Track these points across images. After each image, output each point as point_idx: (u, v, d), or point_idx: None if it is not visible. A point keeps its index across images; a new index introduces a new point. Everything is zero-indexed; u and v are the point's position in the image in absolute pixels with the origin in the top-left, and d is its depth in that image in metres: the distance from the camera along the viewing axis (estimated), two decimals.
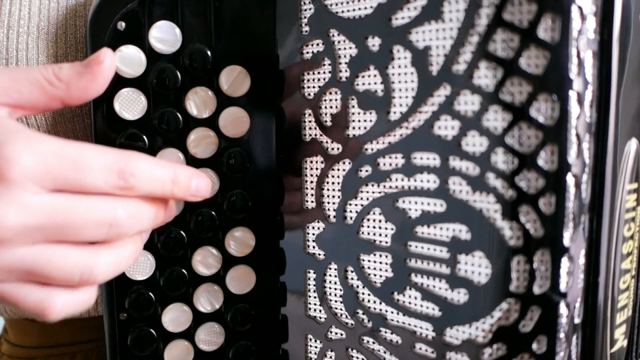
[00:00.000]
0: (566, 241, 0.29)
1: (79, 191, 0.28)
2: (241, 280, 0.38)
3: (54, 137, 0.28)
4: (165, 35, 0.35)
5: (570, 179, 0.29)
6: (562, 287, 0.29)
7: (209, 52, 0.36)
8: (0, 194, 0.26)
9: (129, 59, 0.35)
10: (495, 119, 0.29)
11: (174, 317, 0.38)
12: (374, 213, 0.35)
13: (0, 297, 0.29)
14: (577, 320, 0.30)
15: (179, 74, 0.36)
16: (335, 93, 0.35)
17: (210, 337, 0.39)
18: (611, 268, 0.31)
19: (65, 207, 0.27)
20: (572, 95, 0.28)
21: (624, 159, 0.32)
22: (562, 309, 0.29)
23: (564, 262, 0.29)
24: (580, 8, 0.28)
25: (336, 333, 0.38)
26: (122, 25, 0.35)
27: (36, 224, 0.27)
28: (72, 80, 0.30)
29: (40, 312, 0.29)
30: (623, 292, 0.33)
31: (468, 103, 0.30)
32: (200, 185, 0.33)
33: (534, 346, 0.30)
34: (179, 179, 0.31)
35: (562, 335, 0.30)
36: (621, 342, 0.34)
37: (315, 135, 0.36)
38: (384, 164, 0.34)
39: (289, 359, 0.40)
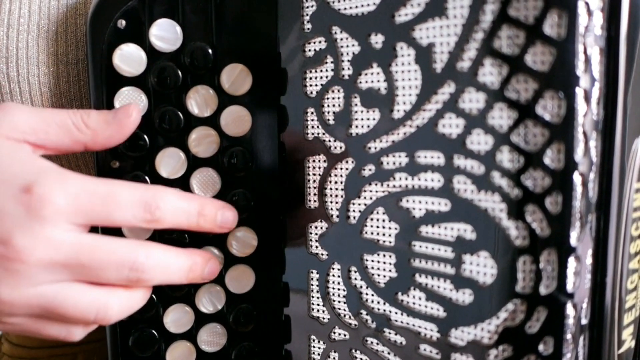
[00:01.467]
0: (573, 241, 0.28)
1: (107, 225, 0.30)
2: (239, 280, 0.38)
3: (84, 175, 0.30)
4: (165, 33, 0.35)
5: (577, 178, 0.28)
6: (569, 287, 0.29)
7: (210, 50, 0.36)
8: (32, 230, 0.27)
9: (129, 58, 0.35)
10: (501, 116, 0.29)
11: (176, 318, 0.37)
12: (377, 212, 0.34)
13: (19, 330, 0.30)
14: (584, 321, 0.30)
15: (179, 72, 0.35)
16: (338, 91, 0.35)
17: (212, 338, 0.38)
18: (619, 268, 0.31)
19: (90, 246, 0.29)
20: (579, 92, 0.27)
21: (631, 157, 0.31)
22: (569, 309, 0.29)
23: (571, 262, 0.29)
24: (587, 4, 0.27)
25: (339, 334, 0.37)
26: (122, 23, 0.35)
27: (62, 260, 0.28)
28: (100, 129, 0.32)
29: (62, 339, 0.31)
30: (630, 293, 0.32)
31: (473, 101, 0.29)
32: (227, 217, 0.34)
33: (541, 347, 0.29)
34: (205, 211, 0.33)
35: (569, 336, 0.29)
36: (629, 343, 0.33)
37: (318, 133, 0.36)
38: (388, 163, 0.33)
39: (292, 359, 0.40)
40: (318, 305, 0.38)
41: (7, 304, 0.28)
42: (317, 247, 0.37)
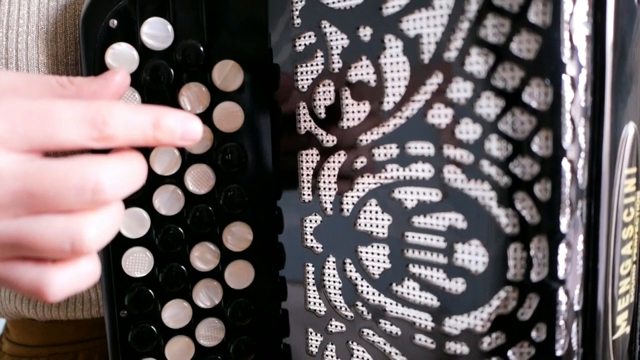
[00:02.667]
0: (563, 227, 0.28)
1: (52, 148, 0.26)
2: (240, 275, 0.38)
3: (17, 96, 0.27)
4: (156, 32, 0.35)
5: (565, 164, 0.28)
6: (560, 274, 0.29)
7: (201, 48, 0.36)
8: None
9: (121, 56, 0.35)
10: (488, 105, 0.29)
11: (174, 313, 0.38)
12: (370, 204, 0.34)
13: None
14: (576, 308, 0.30)
15: (172, 70, 0.36)
16: (329, 85, 0.35)
17: (210, 332, 0.39)
18: (611, 254, 0.31)
19: (38, 173, 0.25)
20: (566, 79, 0.28)
21: (621, 143, 0.31)
22: (561, 296, 0.29)
23: (562, 248, 0.29)
24: None
25: (336, 326, 0.37)
26: (114, 22, 0.35)
27: (9, 193, 0.25)
28: (84, 84, 0.30)
29: (37, 291, 0.27)
30: (624, 278, 0.33)
31: (460, 90, 0.29)
32: (189, 127, 0.30)
33: (533, 334, 0.29)
34: (161, 123, 0.28)
35: (561, 322, 0.29)
36: (623, 328, 0.33)
37: (310, 127, 0.36)
38: (379, 155, 0.33)
39: (291, 353, 0.40)
40: (314, 298, 0.38)
41: None
42: (312, 240, 0.37)
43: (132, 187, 0.28)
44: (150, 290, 0.37)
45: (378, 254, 0.35)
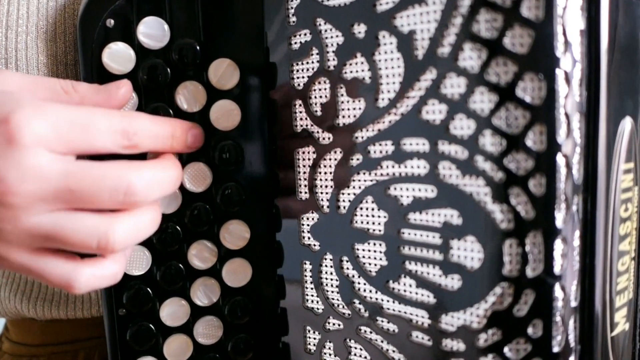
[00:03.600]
0: (559, 223, 0.28)
1: (88, 153, 0.29)
2: (237, 273, 0.38)
3: (62, 104, 0.29)
4: (153, 31, 0.35)
5: (560, 159, 0.28)
6: (556, 269, 0.29)
7: (197, 47, 0.36)
8: (16, 161, 0.27)
9: (118, 56, 0.35)
10: (482, 100, 0.29)
11: (172, 311, 0.38)
12: (366, 202, 0.34)
13: (26, 269, 0.30)
14: (573, 304, 0.30)
15: (168, 69, 0.36)
16: (324, 82, 0.35)
17: (208, 330, 0.39)
18: (608, 250, 0.31)
19: (78, 173, 0.28)
20: (559, 73, 0.27)
21: (618, 138, 0.31)
22: (557, 292, 0.29)
23: (558, 244, 0.29)
24: None
25: (334, 324, 0.37)
26: (110, 22, 0.36)
27: (52, 189, 0.28)
28: (88, 94, 0.32)
29: (66, 285, 0.30)
30: (622, 275, 0.32)
31: (454, 86, 0.29)
32: (196, 136, 0.35)
33: (530, 330, 0.29)
34: (177, 134, 0.33)
35: (558, 318, 0.29)
36: (622, 325, 0.33)
37: (306, 125, 0.36)
38: (375, 152, 0.33)
39: (289, 351, 0.40)
40: (312, 296, 0.38)
41: (12, 234, 0.28)
42: (309, 238, 0.37)
43: (164, 192, 0.32)
44: (148, 289, 0.38)
45: (374, 251, 0.34)
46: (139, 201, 0.30)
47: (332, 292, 0.37)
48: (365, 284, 0.35)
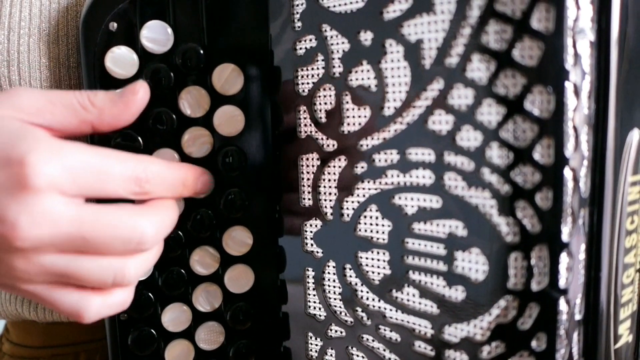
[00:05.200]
0: (565, 236, 0.28)
1: (99, 197, 0.29)
2: (240, 280, 0.38)
3: (78, 144, 0.29)
4: (156, 35, 0.35)
5: (567, 173, 0.28)
6: (562, 283, 0.28)
7: (201, 51, 0.36)
8: (26, 204, 0.27)
9: (121, 60, 0.35)
10: (490, 112, 0.28)
11: (174, 316, 0.38)
12: (370, 210, 0.34)
13: (37, 299, 0.30)
14: (578, 317, 0.30)
15: (171, 73, 0.35)
16: (329, 89, 0.35)
17: (210, 336, 0.39)
18: (613, 262, 0.31)
19: (91, 221, 0.28)
20: (569, 86, 0.27)
21: (625, 151, 0.31)
22: (562, 305, 0.29)
23: (563, 257, 0.28)
24: None
25: (336, 331, 0.37)
26: (113, 25, 0.35)
27: (63, 235, 0.27)
28: (106, 107, 0.32)
29: (76, 315, 0.30)
30: (627, 287, 0.32)
31: (462, 97, 0.29)
32: (205, 183, 0.35)
33: (534, 344, 0.29)
34: (187, 182, 0.33)
35: (562, 332, 0.29)
36: (626, 337, 0.33)
37: (311, 132, 0.36)
38: (380, 160, 0.33)
39: (291, 357, 0.40)
40: (314, 302, 0.38)
41: (24, 273, 0.28)
42: (312, 244, 0.37)
43: (168, 233, 0.32)
44: (150, 294, 0.37)
45: (378, 260, 0.34)
46: (149, 248, 0.30)
47: (335, 299, 0.37)
48: (368, 292, 0.35)
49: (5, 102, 0.30)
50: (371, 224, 0.34)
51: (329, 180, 0.36)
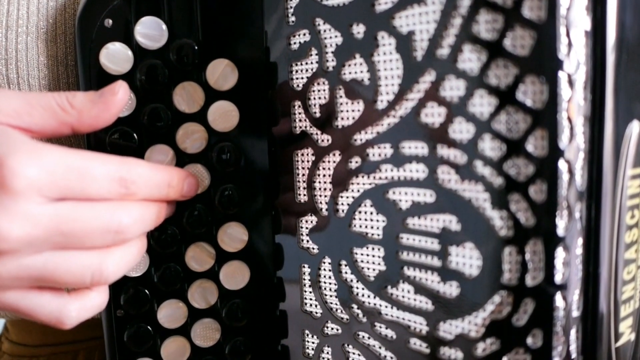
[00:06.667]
0: (560, 230, 0.27)
1: (83, 199, 0.29)
2: (235, 276, 0.38)
3: (59, 146, 0.29)
4: (150, 31, 0.35)
5: (562, 165, 0.27)
6: (558, 278, 0.28)
7: (196, 47, 0.36)
8: (5, 206, 0.27)
9: (116, 56, 0.35)
10: (481, 104, 0.28)
11: (169, 313, 0.38)
12: (365, 205, 0.34)
13: (14, 308, 0.30)
14: (575, 314, 0.29)
15: (166, 69, 0.36)
16: (323, 83, 0.34)
17: (206, 333, 0.38)
18: (613, 258, 0.30)
19: (70, 216, 0.28)
20: (562, 76, 0.27)
21: (624, 143, 0.30)
22: (559, 301, 0.28)
23: (559, 252, 0.28)
24: None
25: (332, 328, 0.37)
26: (109, 22, 0.35)
27: (42, 234, 0.27)
28: (85, 108, 0.31)
29: (57, 322, 0.30)
30: (627, 284, 0.31)
31: (453, 88, 0.29)
32: (191, 185, 0.35)
33: (529, 340, 0.28)
34: (173, 183, 0.33)
35: (559, 328, 0.28)
36: (627, 335, 0.32)
37: (305, 127, 0.36)
38: (373, 155, 0.33)
39: (288, 354, 0.40)
40: (311, 299, 0.38)
41: (0, 278, 0.28)
42: (307, 241, 0.37)
43: (150, 227, 0.32)
44: (146, 290, 0.37)
45: (373, 256, 0.34)
46: (128, 238, 0.30)
47: (331, 296, 0.36)
48: (363, 288, 0.35)
49: None
50: (366, 220, 0.34)
51: (324, 175, 0.35)
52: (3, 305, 0.30)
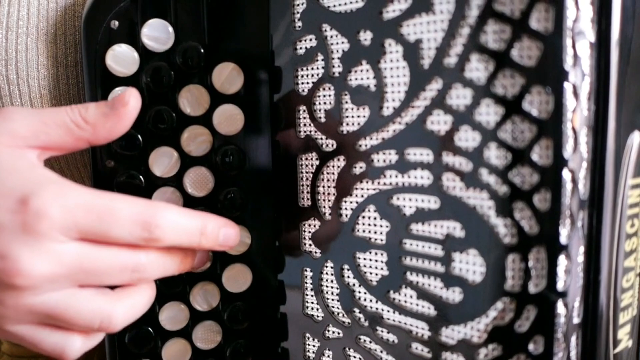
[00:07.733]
0: (563, 239, 0.28)
1: (103, 242, 0.29)
2: (237, 279, 0.38)
3: (84, 187, 0.29)
4: (157, 33, 0.35)
5: (566, 174, 0.28)
6: (560, 286, 0.28)
7: (202, 50, 0.36)
8: (29, 244, 0.27)
9: (122, 58, 0.35)
10: (488, 113, 0.28)
11: (171, 315, 0.38)
12: (368, 210, 0.34)
13: (19, 339, 0.30)
14: (576, 320, 0.29)
15: (172, 72, 0.36)
16: (329, 89, 0.35)
17: (207, 335, 0.39)
18: (613, 266, 0.30)
19: (91, 256, 0.29)
20: (568, 87, 0.27)
21: (626, 153, 0.31)
22: (560, 308, 0.28)
23: (561, 260, 0.28)
24: None
25: (333, 332, 0.37)
26: (115, 24, 0.35)
27: (63, 272, 0.28)
28: (99, 122, 0.31)
29: (59, 355, 0.31)
30: (626, 291, 0.32)
31: (460, 97, 0.29)
32: (229, 235, 0.33)
33: (531, 347, 0.29)
34: (207, 230, 0.32)
35: (560, 335, 0.29)
36: (625, 342, 0.33)
37: (310, 131, 0.36)
38: (378, 160, 0.33)
39: (289, 357, 0.40)
40: (312, 303, 0.38)
41: (12, 310, 0.28)
42: (310, 245, 0.37)
43: (170, 272, 0.32)
44: None
45: (376, 261, 0.34)
46: (144, 278, 0.30)
47: (332, 300, 0.37)
48: (365, 293, 0.35)
49: (0, 128, 0.30)
50: (369, 225, 0.34)
51: (328, 180, 0.36)
52: (9, 335, 0.30)
